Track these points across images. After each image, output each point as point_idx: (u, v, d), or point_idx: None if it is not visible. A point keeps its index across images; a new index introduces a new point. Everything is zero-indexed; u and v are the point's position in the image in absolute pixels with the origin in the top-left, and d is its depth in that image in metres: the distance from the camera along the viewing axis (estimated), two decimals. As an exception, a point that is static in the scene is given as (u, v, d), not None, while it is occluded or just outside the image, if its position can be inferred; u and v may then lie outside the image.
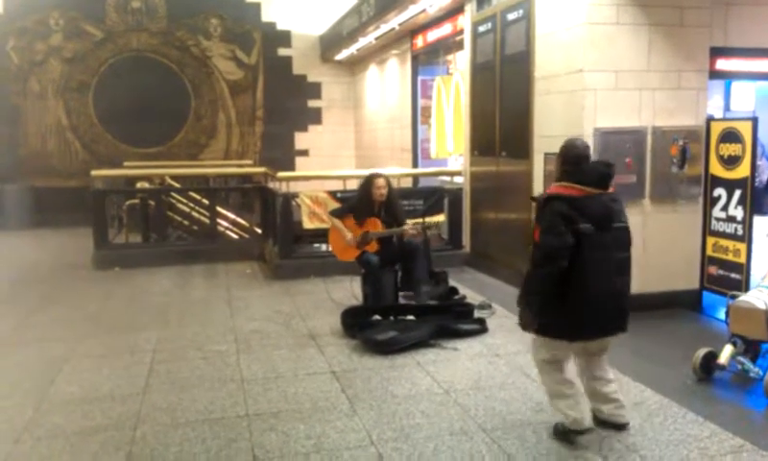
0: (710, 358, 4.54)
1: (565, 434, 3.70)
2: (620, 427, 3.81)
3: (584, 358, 3.80)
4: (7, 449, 3.75)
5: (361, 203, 6.41)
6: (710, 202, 6.24)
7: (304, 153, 14.95)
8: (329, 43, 13.88)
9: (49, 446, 3.80)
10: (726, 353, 4.49)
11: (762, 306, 4.46)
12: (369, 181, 6.38)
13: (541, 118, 6.76)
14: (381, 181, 6.32)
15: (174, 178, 11.08)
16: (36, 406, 4.33)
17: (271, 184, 9.75)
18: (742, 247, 5.87)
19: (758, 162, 7.45)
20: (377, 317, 5.82)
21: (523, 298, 3.60)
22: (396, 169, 10.07)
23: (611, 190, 3.65)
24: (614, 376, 3.97)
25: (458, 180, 9.18)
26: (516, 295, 3.68)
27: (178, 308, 6.85)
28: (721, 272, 6.12)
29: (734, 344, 4.54)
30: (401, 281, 6.48)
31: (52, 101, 13.68)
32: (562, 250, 3.43)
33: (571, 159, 3.65)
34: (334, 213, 6.60)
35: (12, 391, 4.63)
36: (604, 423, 3.83)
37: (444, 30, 9.69)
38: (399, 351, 5.20)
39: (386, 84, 12.77)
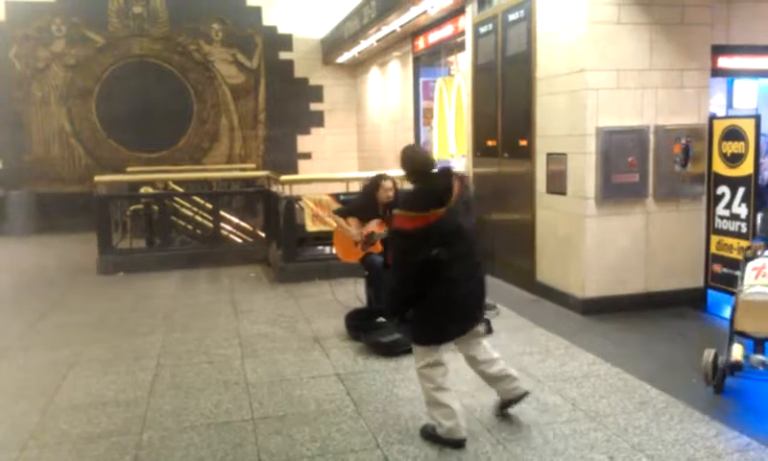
0: (717, 360, 4.29)
1: (436, 439, 3.74)
2: (522, 397, 3.99)
3: (464, 351, 3.97)
4: (13, 456, 3.76)
5: (365, 204, 6.39)
6: (714, 200, 6.23)
7: (307, 156, 14.97)
8: (331, 46, 13.90)
9: (55, 452, 3.81)
10: (737, 352, 4.20)
11: None
12: (374, 184, 6.34)
13: (544, 119, 6.75)
14: (388, 184, 6.22)
15: (177, 182, 11.11)
16: (42, 412, 4.34)
17: (274, 188, 9.76)
18: (746, 244, 5.84)
19: (762, 160, 7.42)
20: (381, 319, 5.82)
21: (390, 309, 3.96)
22: (398, 171, 10.05)
23: (457, 189, 3.68)
24: (499, 354, 4.08)
25: (461, 181, 9.16)
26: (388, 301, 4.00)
27: (182, 313, 6.87)
28: (725, 270, 6.10)
29: (741, 342, 4.28)
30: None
31: (55, 107, 13.72)
32: (409, 283, 3.66)
33: (414, 172, 3.80)
34: (338, 212, 6.59)
35: (19, 397, 4.64)
36: (510, 402, 4.00)
37: (446, 31, 9.69)
38: (404, 354, 5.19)
39: (388, 87, 12.77)
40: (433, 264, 3.55)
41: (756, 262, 4.44)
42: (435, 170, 3.79)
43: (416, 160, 3.83)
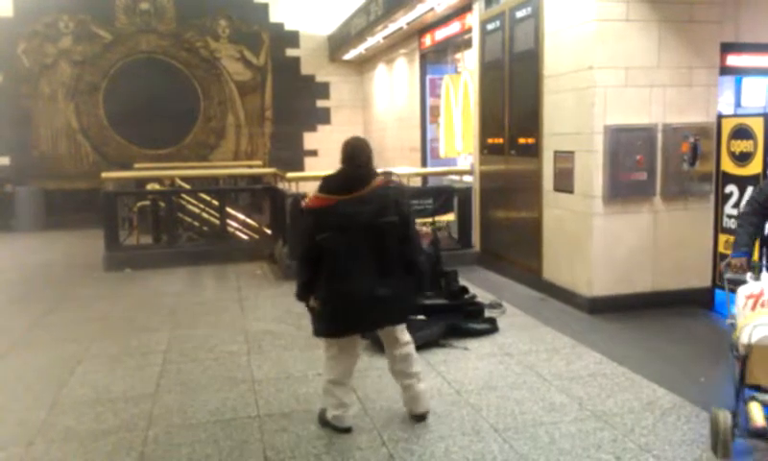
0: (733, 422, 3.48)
1: (325, 423, 3.95)
2: (418, 418, 4.00)
3: (387, 352, 4.03)
4: (20, 452, 3.77)
5: None
6: (722, 199, 6.20)
7: (313, 153, 14.96)
8: (337, 43, 13.89)
9: (62, 448, 3.82)
10: (757, 415, 3.36)
11: None
12: None
13: (551, 116, 6.73)
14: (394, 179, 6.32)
15: (184, 179, 11.13)
16: (49, 408, 4.36)
17: (280, 185, 9.76)
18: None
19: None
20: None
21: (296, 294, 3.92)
22: (405, 168, 10.07)
23: (377, 182, 3.83)
24: (419, 369, 4.05)
25: (467, 178, 9.16)
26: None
27: (188, 309, 6.88)
28: (734, 269, 6.06)
29: (755, 398, 3.46)
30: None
31: (62, 104, 13.77)
32: (306, 259, 3.82)
33: (343, 158, 3.93)
34: None
35: (25, 393, 4.66)
36: (410, 414, 4.06)
37: (453, 28, 9.67)
38: (410, 351, 5.19)
39: (394, 84, 12.76)
40: (320, 248, 3.67)
41: (749, 289, 3.66)
42: (362, 161, 3.89)
43: (347, 147, 3.95)
